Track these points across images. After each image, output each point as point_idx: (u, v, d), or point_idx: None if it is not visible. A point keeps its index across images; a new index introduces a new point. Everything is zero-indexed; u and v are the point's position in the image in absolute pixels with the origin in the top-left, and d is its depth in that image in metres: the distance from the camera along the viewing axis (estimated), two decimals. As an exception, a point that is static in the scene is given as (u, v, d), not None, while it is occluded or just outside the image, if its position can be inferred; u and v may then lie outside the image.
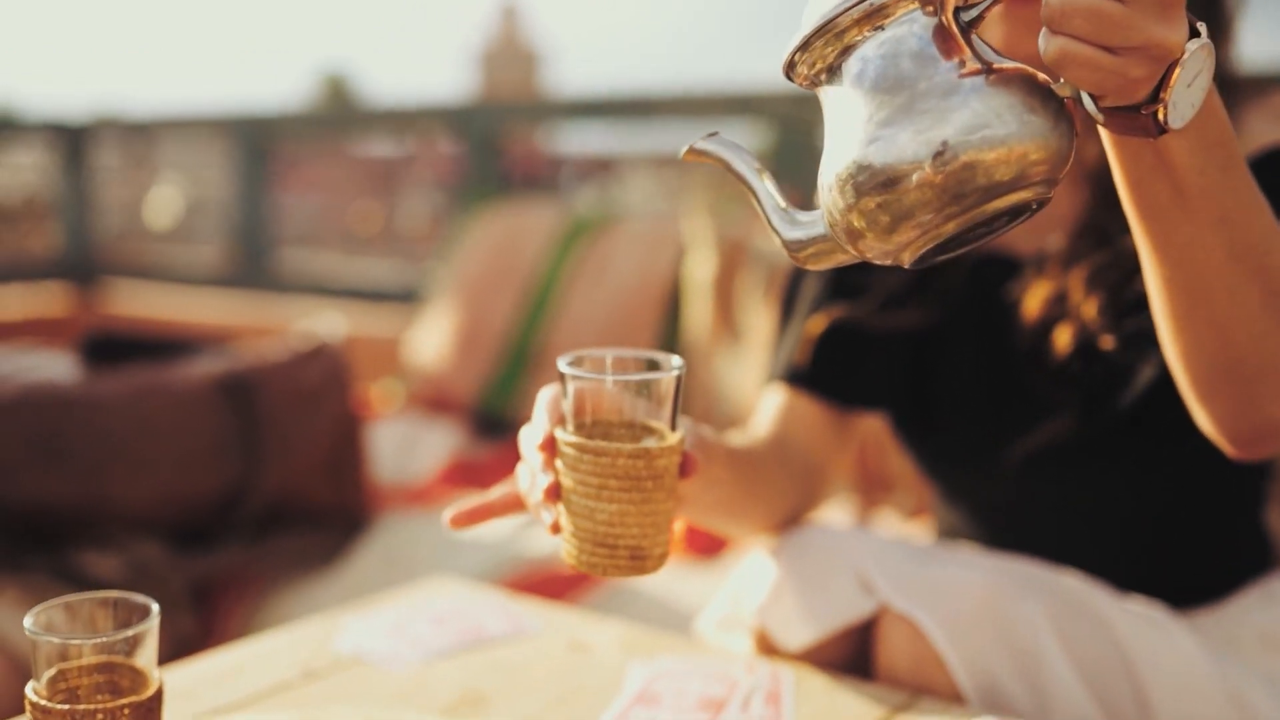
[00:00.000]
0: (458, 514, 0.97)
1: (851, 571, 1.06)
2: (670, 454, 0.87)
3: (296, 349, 2.09)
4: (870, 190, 0.70)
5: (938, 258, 0.76)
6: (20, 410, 1.87)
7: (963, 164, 0.68)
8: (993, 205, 0.70)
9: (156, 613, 0.81)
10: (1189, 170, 0.76)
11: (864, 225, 0.72)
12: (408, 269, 4.04)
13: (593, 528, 0.87)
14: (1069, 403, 1.14)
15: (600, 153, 6.93)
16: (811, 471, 1.21)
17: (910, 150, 0.69)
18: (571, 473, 0.87)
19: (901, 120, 0.69)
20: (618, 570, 0.88)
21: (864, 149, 0.70)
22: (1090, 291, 1.11)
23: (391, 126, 4.43)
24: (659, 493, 0.87)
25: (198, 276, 4.16)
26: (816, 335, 1.22)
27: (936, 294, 1.21)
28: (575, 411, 0.88)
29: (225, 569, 1.95)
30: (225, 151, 4.08)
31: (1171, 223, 0.80)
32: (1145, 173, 0.78)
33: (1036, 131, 0.69)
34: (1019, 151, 0.68)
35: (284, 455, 1.98)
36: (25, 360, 2.07)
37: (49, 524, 1.86)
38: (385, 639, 1.09)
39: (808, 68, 0.76)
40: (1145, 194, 0.79)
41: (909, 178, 0.69)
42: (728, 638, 1.12)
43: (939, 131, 0.68)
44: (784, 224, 0.78)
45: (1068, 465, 1.17)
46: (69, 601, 0.82)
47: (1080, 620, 1.04)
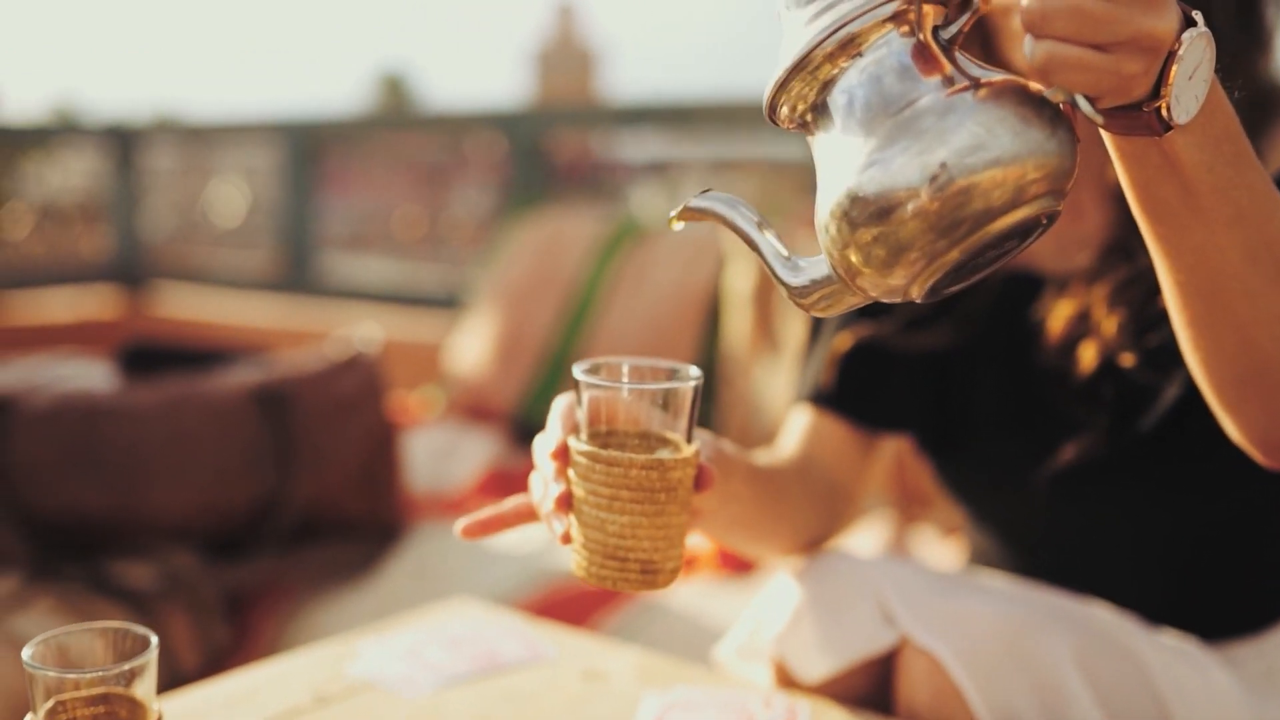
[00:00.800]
0: (470, 524, 0.95)
1: (873, 601, 1.03)
2: (685, 466, 0.85)
3: (332, 358, 2.09)
4: (864, 222, 0.67)
5: (950, 288, 0.72)
6: (56, 419, 1.88)
7: (959, 187, 0.65)
8: (996, 226, 0.66)
9: (155, 645, 0.80)
10: (1197, 167, 0.72)
11: (861, 260, 0.69)
12: (453, 274, 4.04)
13: (603, 539, 0.84)
14: (1095, 423, 1.11)
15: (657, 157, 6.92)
16: (836, 493, 1.18)
17: (902, 177, 0.66)
18: (583, 482, 0.85)
19: (890, 147, 0.66)
20: (628, 584, 0.85)
21: (855, 179, 0.67)
22: (1113, 308, 1.08)
23: (438, 130, 4.44)
24: (672, 506, 0.85)
25: (245, 280, 4.19)
26: (841, 356, 1.20)
27: (963, 314, 1.18)
28: (590, 420, 0.86)
29: (258, 579, 1.95)
30: (271, 156, 4.11)
31: (1183, 224, 0.76)
32: (1152, 173, 0.74)
33: (1033, 143, 0.66)
34: (1016, 166, 0.65)
35: (317, 466, 1.98)
36: (63, 368, 2.09)
37: (84, 533, 1.87)
38: (399, 664, 1.08)
39: (789, 109, 0.73)
40: (1153, 196, 0.75)
41: (904, 206, 0.66)
42: (747, 667, 1.10)
43: (932, 155, 0.65)
44: (787, 272, 0.76)
45: (1096, 487, 1.14)
46: (70, 631, 0.81)
47: (1108, 654, 1.01)
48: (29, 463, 1.85)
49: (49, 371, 2.07)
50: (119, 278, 4.41)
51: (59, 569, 1.83)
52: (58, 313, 4.12)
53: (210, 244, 4.64)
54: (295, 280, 3.99)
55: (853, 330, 1.21)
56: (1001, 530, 1.24)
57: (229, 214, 4.69)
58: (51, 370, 2.08)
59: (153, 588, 1.85)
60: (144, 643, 0.80)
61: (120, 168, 4.47)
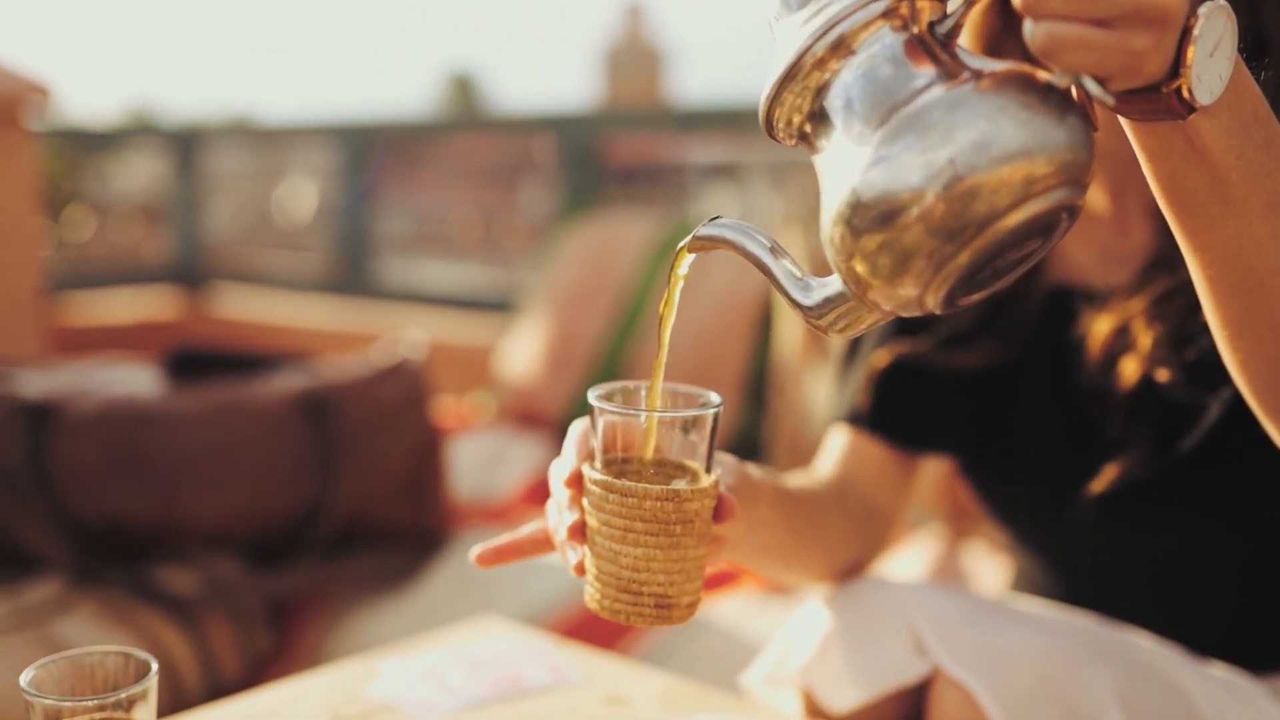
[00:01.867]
0: (484, 552, 0.92)
1: (905, 630, 1.00)
2: (702, 497, 0.81)
3: (377, 365, 2.08)
4: (868, 228, 0.63)
5: (970, 296, 0.68)
6: (101, 424, 1.89)
7: (963, 185, 0.61)
8: (1006, 224, 0.62)
9: (155, 671, 0.79)
10: (1226, 153, 0.67)
11: (868, 271, 0.65)
12: (509, 277, 4.04)
13: (616, 571, 0.81)
14: (1138, 441, 1.06)
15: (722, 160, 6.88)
16: (874, 516, 1.15)
17: (903, 177, 0.62)
18: (596, 512, 0.81)
19: (889, 147, 0.63)
20: (641, 619, 0.81)
21: (855, 183, 0.64)
22: (1152, 322, 1.04)
23: (493, 133, 4.43)
24: (688, 538, 0.81)
25: (303, 282, 4.21)
26: (879, 375, 1.17)
27: (1004, 331, 1.14)
28: (604, 447, 0.83)
29: (300, 587, 1.95)
30: (331, 158, 4.12)
31: (1214, 216, 0.70)
32: (1178, 162, 0.69)
33: (1041, 133, 0.61)
34: (1023, 159, 0.61)
35: (361, 474, 1.97)
36: (110, 373, 2.09)
37: (126, 538, 1.87)
38: (419, 686, 1.05)
39: (785, 122, 0.70)
40: (1181, 186, 0.70)
41: (907, 208, 0.62)
42: (775, 694, 1.07)
43: (934, 153, 0.61)
44: (801, 292, 0.72)
45: (1141, 510, 1.10)
46: (71, 656, 0.80)
47: (1150, 687, 0.97)
48: (73, 467, 1.86)
49: (96, 376, 2.07)
50: (179, 279, 4.45)
51: (102, 574, 1.84)
52: (118, 313, 4.16)
53: (271, 246, 4.68)
54: (351, 283, 4.00)
55: (890, 348, 1.17)
56: (1044, 554, 1.20)
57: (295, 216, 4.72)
58: (98, 375, 2.08)
59: (195, 594, 1.85)
60: (144, 668, 0.79)
61: (182, 170, 4.51)
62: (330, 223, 4.19)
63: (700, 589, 0.84)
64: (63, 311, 3.97)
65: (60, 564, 1.83)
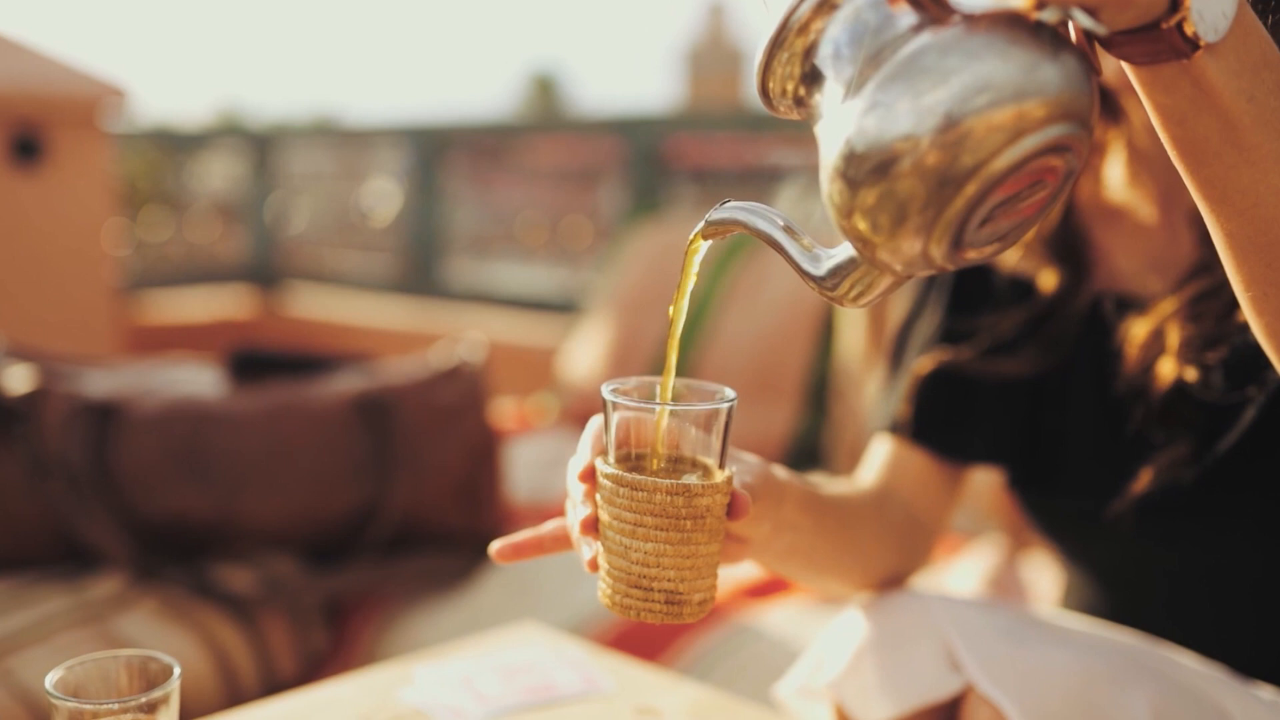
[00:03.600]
0: (504, 547, 0.92)
1: (938, 644, 0.98)
2: (713, 493, 0.80)
3: (435, 367, 2.09)
4: (863, 180, 0.62)
5: (983, 248, 0.66)
6: (163, 424, 1.92)
7: (953, 126, 0.59)
8: (999, 164, 0.60)
9: (177, 675, 0.80)
10: (1236, 96, 0.64)
11: (869, 227, 0.63)
12: (575, 278, 4.05)
13: (627, 567, 0.80)
14: (1178, 445, 1.04)
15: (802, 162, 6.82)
16: (917, 526, 1.13)
17: (894, 124, 0.60)
18: (608, 506, 0.81)
19: (879, 93, 0.61)
20: (651, 615, 0.81)
21: (847, 135, 0.62)
22: (1187, 323, 1.01)
23: (562, 135, 4.45)
24: (700, 534, 0.80)
25: (374, 282, 4.25)
26: (921, 384, 1.15)
27: (1048, 340, 1.12)
28: (617, 442, 0.82)
29: (356, 587, 1.96)
30: (403, 160, 4.16)
31: (1226, 165, 0.67)
32: (1186, 108, 0.66)
33: (1033, 70, 0.59)
34: (1016, 97, 0.59)
35: (416, 476, 1.98)
36: (174, 373, 2.12)
37: (186, 537, 1.90)
38: (452, 693, 1.06)
39: (780, 90, 0.68)
40: (1190, 134, 0.67)
41: (900, 156, 0.60)
42: (807, 707, 1.06)
43: (923, 97, 0.60)
44: (812, 265, 0.71)
45: (1185, 522, 1.07)
46: (97, 659, 0.81)
47: (1190, 710, 0.95)
48: (135, 466, 1.89)
49: (160, 376, 2.10)
50: (255, 278, 4.51)
51: (162, 572, 1.86)
52: (194, 312, 4.23)
53: (346, 246, 4.73)
54: (421, 283, 4.03)
55: (932, 356, 1.16)
56: (1089, 568, 1.18)
57: (373, 216, 4.77)
58: (163, 375, 2.11)
59: (253, 593, 1.88)
60: (167, 672, 0.80)
61: (259, 170, 4.57)
62: (402, 223, 4.23)
63: (713, 587, 0.83)
64: (139, 310, 4.05)
65: (122, 561, 1.86)
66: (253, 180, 4.59)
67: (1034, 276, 1.14)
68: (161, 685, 0.79)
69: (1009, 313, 1.14)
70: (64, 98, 3.19)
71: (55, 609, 1.78)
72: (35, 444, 1.88)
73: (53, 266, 3.19)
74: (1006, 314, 1.14)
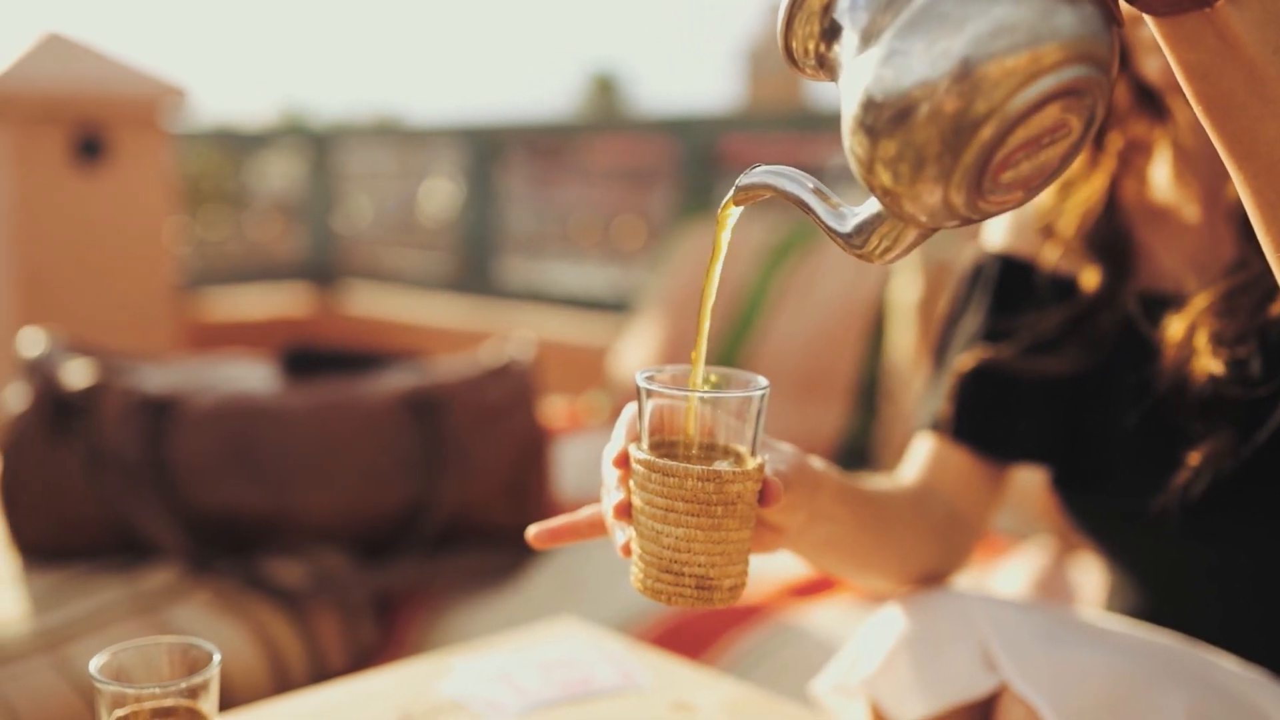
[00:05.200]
0: (540, 532, 0.93)
1: (974, 643, 0.98)
2: (744, 480, 0.80)
3: (485, 365, 2.11)
4: (883, 129, 0.62)
5: (1005, 197, 0.66)
6: (217, 420, 1.95)
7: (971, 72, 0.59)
8: (1016, 104, 0.60)
9: (217, 661, 0.81)
10: (1261, 46, 0.63)
11: (891, 178, 0.63)
12: (629, 278, 4.06)
13: (659, 552, 0.81)
14: (1217, 440, 1.03)
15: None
16: (958, 525, 1.13)
17: (909, 72, 0.61)
18: (640, 491, 0.81)
19: (896, 41, 0.61)
20: (682, 599, 0.81)
21: (866, 84, 0.62)
22: (1220, 317, 1.00)
23: (618, 135, 4.46)
24: (730, 520, 0.80)
25: (430, 281, 4.29)
26: (963, 382, 1.15)
27: (1088, 337, 1.12)
28: (651, 429, 0.82)
29: (405, 582, 1.98)
30: (460, 159, 4.19)
31: (1252, 117, 0.66)
32: (1210, 60, 0.65)
33: (1049, 14, 0.59)
34: (1030, 41, 0.59)
35: (465, 473, 2.00)
36: (229, 369, 2.16)
37: (239, 530, 1.93)
38: (489, 685, 1.07)
39: (803, 50, 0.69)
40: (1215, 87, 0.66)
41: (917, 103, 0.60)
42: (843, 704, 1.06)
43: (938, 44, 0.60)
44: (838, 223, 0.71)
45: (1227, 521, 1.06)
46: (141, 645, 0.83)
47: (1229, 714, 0.94)
48: (190, 460, 1.92)
49: (215, 372, 2.14)
50: (313, 276, 4.56)
51: (215, 564, 1.89)
52: (253, 310, 4.28)
53: (403, 244, 4.77)
54: (476, 282, 4.06)
55: (973, 354, 1.15)
56: (1132, 568, 1.17)
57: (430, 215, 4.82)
58: (218, 371, 2.15)
59: (304, 587, 1.90)
60: (208, 658, 0.81)
61: (317, 170, 4.62)
62: (458, 222, 4.27)
63: (744, 573, 0.83)
64: (199, 307, 4.11)
65: (176, 553, 1.89)
66: (312, 179, 4.64)
67: (1076, 275, 1.14)
68: (202, 671, 0.80)
69: (1050, 311, 1.14)
70: (125, 98, 3.24)
71: (111, 599, 1.81)
72: (93, 438, 1.92)
73: (114, 264, 3.25)
74: (1048, 312, 1.14)
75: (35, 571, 1.90)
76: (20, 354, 2.04)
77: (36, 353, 2.01)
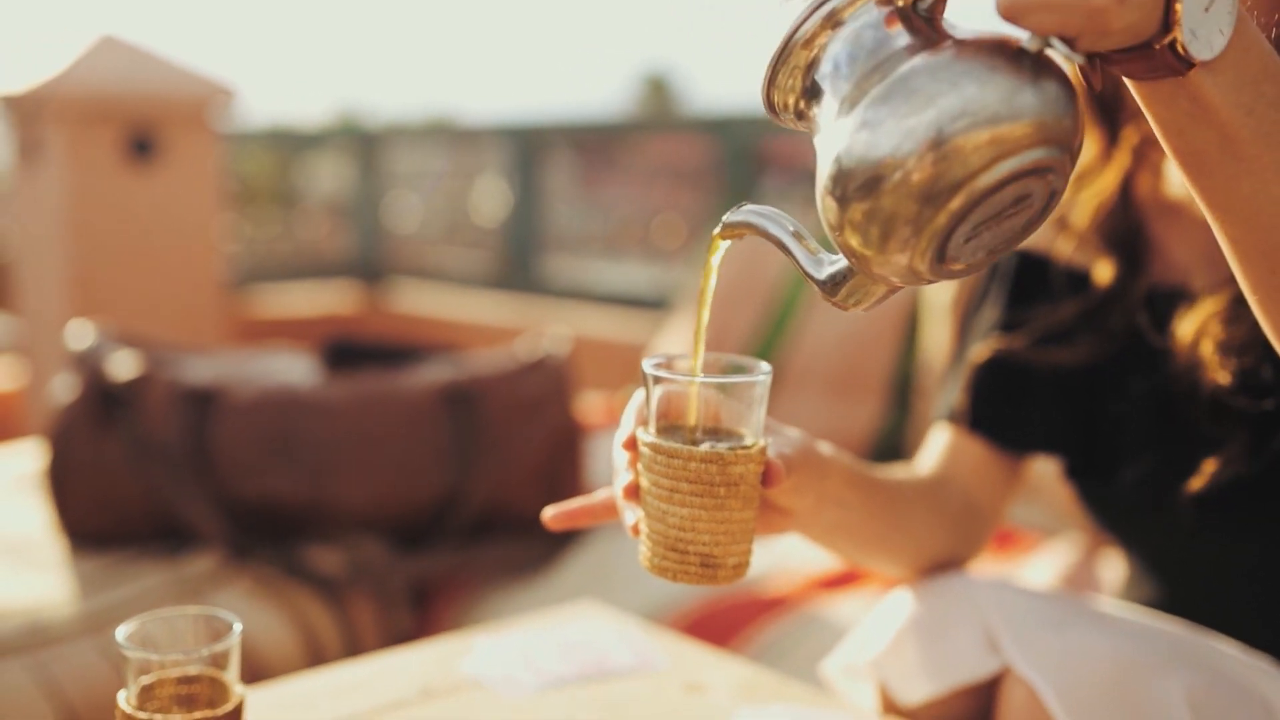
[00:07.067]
0: (556, 514, 0.96)
1: (979, 627, 1.00)
2: (746, 461, 0.83)
3: (520, 359, 2.14)
4: (853, 196, 0.65)
5: (966, 263, 0.69)
6: (257, 411, 1.99)
7: (939, 147, 0.62)
8: (981, 183, 0.63)
9: (238, 630, 0.85)
10: (1234, 110, 0.65)
11: (860, 242, 0.66)
12: (669, 275, 4.09)
13: (665, 531, 0.84)
14: (1232, 442, 1.04)
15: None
16: (974, 514, 1.15)
17: (881, 143, 0.63)
18: (647, 473, 0.85)
19: (869, 112, 0.64)
20: (688, 577, 0.85)
21: (838, 152, 0.65)
22: (1228, 323, 1.01)
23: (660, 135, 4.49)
24: (734, 500, 0.84)
25: (475, 279, 4.33)
26: (978, 375, 1.17)
27: (1102, 329, 1.13)
28: (658, 414, 0.86)
29: (440, 570, 2.02)
30: (506, 158, 4.24)
31: (1227, 176, 0.68)
32: (1184, 121, 0.66)
33: (1013, 96, 0.62)
34: (995, 121, 0.62)
35: (499, 464, 2.04)
36: (271, 362, 2.20)
37: (278, 519, 1.97)
38: (509, 664, 1.10)
39: (783, 104, 0.72)
40: (1189, 145, 0.68)
41: (886, 174, 0.63)
42: (851, 685, 1.08)
43: (910, 119, 0.62)
44: (815, 268, 0.74)
45: (1240, 517, 1.07)
46: (166, 616, 0.86)
47: (1228, 697, 0.95)
48: (230, 450, 1.97)
49: (257, 364, 2.19)
50: (361, 274, 4.62)
51: (255, 551, 1.94)
52: (300, 307, 4.35)
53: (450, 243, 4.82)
54: (518, 280, 4.10)
55: (987, 345, 1.17)
56: (1146, 559, 1.19)
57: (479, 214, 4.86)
58: (259, 363, 2.20)
59: (341, 574, 1.94)
60: (228, 628, 0.85)
61: (365, 169, 4.68)
62: (503, 220, 4.31)
63: (748, 552, 0.86)
64: (247, 304, 4.17)
65: (217, 540, 1.93)
66: (361, 179, 4.70)
67: (1090, 268, 1.15)
68: (223, 639, 0.84)
69: (1064, 303, 1.15)
70: (176, 98, 3.31)
71: (153, 584, 1.86)
72: (138, 428, 1.97)
73: (164, 261, 3.31)
74: (1062, 304, 1.15)
75: (81, 556, 1.95)
76: (69, 346, 2.10)
77: (84, 345, 2.07)
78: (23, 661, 1.65)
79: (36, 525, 2.08)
